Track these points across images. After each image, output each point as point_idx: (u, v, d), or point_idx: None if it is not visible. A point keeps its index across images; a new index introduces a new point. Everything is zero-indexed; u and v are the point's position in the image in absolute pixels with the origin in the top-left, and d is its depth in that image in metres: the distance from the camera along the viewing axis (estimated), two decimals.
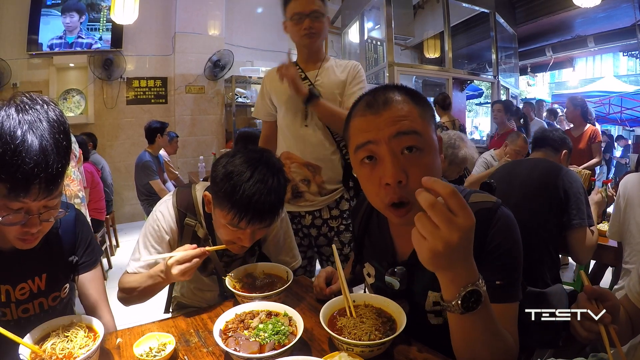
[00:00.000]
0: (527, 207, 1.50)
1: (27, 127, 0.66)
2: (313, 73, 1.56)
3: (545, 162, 1.67)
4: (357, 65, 1.60)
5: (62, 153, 0.70)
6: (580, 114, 3.70)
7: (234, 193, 0.89)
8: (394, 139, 0.71)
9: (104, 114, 4.92)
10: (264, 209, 0.91)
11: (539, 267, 1.47)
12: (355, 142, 0.76)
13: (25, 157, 0.64)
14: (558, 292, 1.38)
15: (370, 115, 0.74)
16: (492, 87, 6.04)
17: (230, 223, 0.93)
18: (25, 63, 4.51)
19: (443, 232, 0.52)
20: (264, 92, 1.66)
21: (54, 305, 0.91)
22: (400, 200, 0.71)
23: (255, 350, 0.71)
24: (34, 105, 0.70)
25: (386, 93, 0.76)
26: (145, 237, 1.10)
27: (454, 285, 0.58)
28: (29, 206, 0.71)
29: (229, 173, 0.91)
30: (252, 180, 0.90)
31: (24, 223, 0.72)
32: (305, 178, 1.55)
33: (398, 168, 0.70)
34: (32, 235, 0.76)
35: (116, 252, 3.92)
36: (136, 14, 3.87)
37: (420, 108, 0.75)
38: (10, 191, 0.66)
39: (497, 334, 0.65)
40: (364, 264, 0.99)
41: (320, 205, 1.56)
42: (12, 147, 0.64)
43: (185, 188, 1.17)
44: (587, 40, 6.72)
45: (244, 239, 0.97)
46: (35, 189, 0.67)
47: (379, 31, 5.36)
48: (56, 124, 0.70)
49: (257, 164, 0.93)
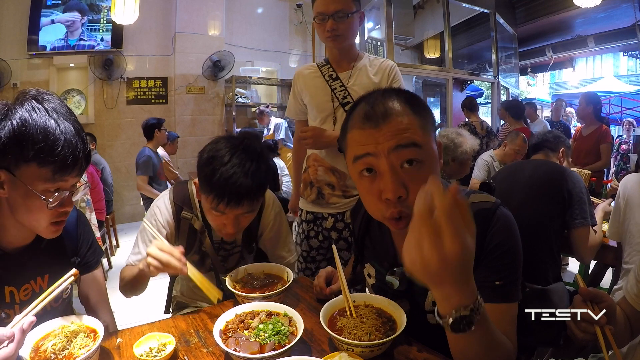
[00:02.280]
0: (529, 208, 1.51)
1: (56, 115, 0.72)
2: (346, 74, 1.50)
3: (547, 164, 1.69)
4: (393, 66, 1.51)
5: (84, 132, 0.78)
6: (592, 112, 3.45)
7: (212, 176, 0.94)
8: (393, 153, 0.69)
9: (104, 114, 4.93)
10: (241, 192, 0.94)
11: (541, 266, 1.47)
12: (353, 154, 0.74)
13: (66, 138, 0.71)
14: (560, 290, 1.39)
15: (369, 128, 0.71)
16: (492, 87, 6.04)
17: (212, 207, 0.97)
18: (25, 63, 4.52)
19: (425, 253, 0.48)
20: (295, 91, 1.61)
21: (56, 306, 0.91)
22: (400, 215, 0.71)
23: (255, 350, 0.71)
24: (47, 95, 0.75)
25: (385, 103, 0.72)
26: (143, 231, 1.12)
27: (446, 304, 0.54)
28: (66, 184, 0.76)
29: (210, 158, 0.96)
30: (229, 164, 0.94)
31: (62, 203, 0.76)
32: (330, 183, 1.52)
33: (398, 183, 0.69)
34: (66, 216, 0.81)
35: (116, 252, 3.92)
36: (136, 14, 3.87)
37: (420, 118, 0.72)
38: (58, 171, 0.72)
39: (493, 347, 0.63)
40: (365, 264, 0.99)
41: (344, 208, 1.53)
42: (51, 132, 0.70)
43: (182, 183, 1.19)
44: (587, 40, 6.72)
45: (227, 224, 1.00)
46: (78, 167, 0.75)
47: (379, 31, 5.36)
48: (69, 110, 0.78)
49: (237, 149, 0.97)
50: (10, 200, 0.76)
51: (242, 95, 5.43)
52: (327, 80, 1.51)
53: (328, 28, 1.39)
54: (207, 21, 5.24)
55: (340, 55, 1.50)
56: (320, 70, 1.54)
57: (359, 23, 1.47)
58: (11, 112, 0.70)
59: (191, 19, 5.13)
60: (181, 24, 5.10)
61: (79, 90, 4.79)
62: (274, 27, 5.96)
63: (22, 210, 0.76)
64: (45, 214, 0.76)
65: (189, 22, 5.13)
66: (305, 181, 1.60)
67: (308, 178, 1.58)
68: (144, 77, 5.11)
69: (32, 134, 0.69)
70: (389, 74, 1.49)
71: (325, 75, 1.52)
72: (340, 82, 1.49)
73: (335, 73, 1.51)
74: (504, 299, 0.73)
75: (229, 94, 5.40)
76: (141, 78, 5.09)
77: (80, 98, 4.80)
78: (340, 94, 1.48)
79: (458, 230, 0.47)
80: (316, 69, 1.56)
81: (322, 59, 1.60)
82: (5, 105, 0.72)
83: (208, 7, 5.22)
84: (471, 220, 0.49)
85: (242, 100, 5.41)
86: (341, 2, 1.37)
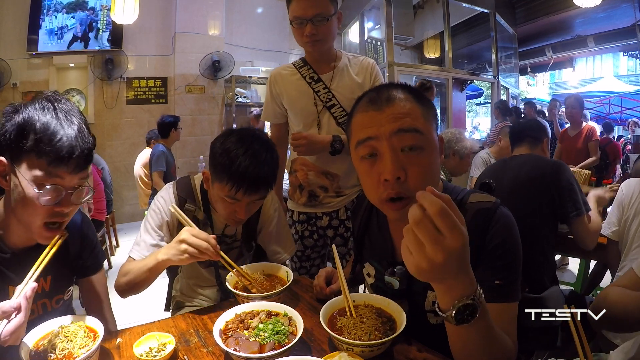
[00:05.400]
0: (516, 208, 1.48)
1: (63, 114, 0.75)
2: (327, 76, 1.46)
3: (531, 160, 1.63)
4: (374, 64, 1.50)
5: (91, 134, 0.80)
6: (580, 113, 3.70)
7: (231, 166, 0.98)
8: (394, 136, 0.71)
9: (104, 113, 4.92)
10: (258, 180, 1.01)
11: (534, 268, 1.46)
12: (356, 138, 0.76)
13: (66, 131, 0.74)
14: (554, 297, 1.34)
15: (372, 111, 0.74)
16: (492, 87, 6.05)
17: (228, 195, 1.01)
18: (25, 63, 4.51)
19: (428, 251, 0.50)
20: (273, 94, 1.54)
21: (57, 308, 0.91)
22: (398, 195, 0.72)
23: (255, 350, 0.71)
24: (61, 98, 0.79)
25: (390, 90, 0.76)
26: (146, 221, 1.14)
27: (448, 296, 0.56)
28: (64, 182, 0.76)
29: (227, 149, 1.01)
30: (246, 154, 0.99)
31: (58, 202, 0.76)
32: (323, 185, 1.50)
33: (397, 165, 0.70)
34: (61, 217, 0.79)
35: (116, 252, 3.92)
36: (136, 14, 3.87)
37: (423, 107, 0.75)
38: (52, 162, 0.72)
39: (494, 342, 0.64)
40: (364, 264, 0.99)
41: (337, 206, 1.52)
42: (52, 124, 0.73)
43: (185, 178, 1.23)
44: (587, 40, 6.73)
45: (239, 211, 1.04)
46: (73, 161, 0.74)
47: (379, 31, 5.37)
48: (80, 113, 0.80)
49: (251, 140, 1.03)
50: (12, 194, 0.76)
51: (242, 95, 5.43)
52: (309, 83, 1.46)
53: (307, 33, 1.34)
54: (207, 21, 5.24)
55: (320, 56, 1.45)
56: (300, 71, 1.48)
57: (337, 24, 1.42)
58: (22, 109, 0.75)
59: (191, 18, 5.13)
60: (181, 23, 5.09)
61: (79, 90, 4.78)
62: (274, 27, 5.95)
63: (19, 206, 0.76)
64: (39, 210, 0.75)
65: (189, 22, 5.13)
66: (293, 184, 1.56)
67: (296, 181, 1.54)
68: (144, 77, 5.11)
69: (35, 126, 0.72)
70: (371, 73, 1.48)
71: (306, 77, 1.47)
72: (323, 83, 1.45)
73: (316, 75, 1.46)
74: (504, 299, 0.73)
75: (228, 94, 5.39)
76: (141, 78, 5.09)
77: (80, 98, 4.79)
78: (324, 97, 1.45)
79: (454, 223, 0.50)
80: (294, 70, 1.50)
81: (298, 59, 1.53)
82: (20, 104, 0.76)
83: (208, 7, 5.21)
84: (459, 212, 0.52)
85: (242, 100, 5.40)
86: (319, 6, 1.31)
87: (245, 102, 5.44)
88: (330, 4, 1.35)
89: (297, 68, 1.50)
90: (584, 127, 3.69)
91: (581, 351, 0.62)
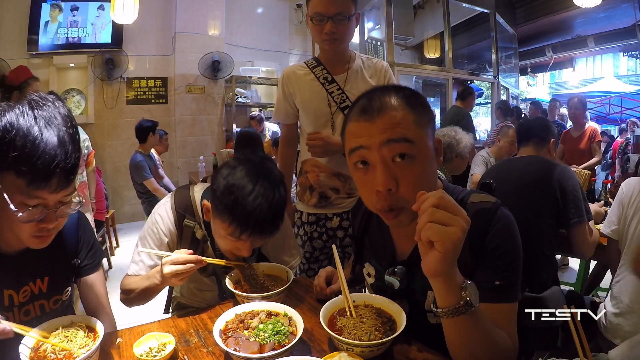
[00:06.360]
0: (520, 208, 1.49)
1: (43, 122, 0.69)
2: (341, 77, 1.45)
3: (537, 161, 1.63)
4: (387, 68, 1.50)
5: (77, 145, 0.73)
6: (583, 114, 3.72)
7: (235, 207, 0.88)
8: (385, 146, 0.71)
9: (104, 113, 4.92)
10: (265, 224, 0.91)
11: (535, 268, 1.46)
12: (349, 146, 0.77)
13: (44, 148, 0.67)
14: (554, 297, 1.34)
15: (363, 121, 0.73)
16: (492, 87, 6.04)
17: (232, 235, 0.92)
18: (25, 63, 4.48)
19: (451, 229, 0.55)
20: (286, 93, 1.52)
21: (55, 308, 0.91)
22: (390, 208, 0.72)
23: (255, 350, 0.71)
24: (45, 102, 0.72)
25: (382, 97, 0.74)
26: (144, 239, 1.10)
27: (452, 289, 0.61)
28: (46, 201, 0.72)
29: (230, 186, 0.90)
30: (253, 195, 0.89)
31: (41, 219, 0.73)
32: (334, 187, 1.48)
33: (388, 176, 0.70)
34: (47, 232, 0.77)
35: (116, 252, 3.92)
36: (136, 14, 3.86)
37: (415, 114, 0.73)
38: (31, 183, 0.67)
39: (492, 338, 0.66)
40: (364, 263, 0.99)
41: (349, 207, 1.48)
42: (31, 140, 0.66)
43: (184, 189, 1.16)
44: (587, 41, 6.73)
45: (242, 249, 0.96)
46: (55, 180, 0.69)
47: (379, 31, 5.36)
48: (68, 119, 0.73)
49: (258, 177, 0.91)
50: None
51: (242, 95, 5.42)
52: (323, 83, 1.45)
53: (327, 30, 1.33)
54: (207, 21, 5.24)
55: (334, 56, 1.45)
56: (313, 72, 1.47)
57: (355, 24, 1.42)
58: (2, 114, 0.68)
59: (191, 18, 5.12)
60: (181, 23, 5.09)
61: (79, 90, 4.78)
62: (274, 27, 5.95)
63: (5, 216, 0.73)
64: (22, 227, 0.73)
65: (189, 22, 5.12)
66: (303, 185, 1.55)
67: (307, 182, 1.52)
68: (144, 77, 5.10)
69: (14, 138, 0.66)
70: (384, 76, 1.47)
71: (320, 77, 1.45)
72: (337, 85, 1.44)
73: (330, 75, 1.44)
74: (504, 299, 0.73)
75: (228, 94, 5.39)
76: (141, 78, 5.08)
77: (80, 98, 4.79)
78: (338, 98, 1.43)
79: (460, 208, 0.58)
80: (308, 70, 1.48)
81: (311, 58, 1.52)
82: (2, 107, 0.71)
83: (208, 7, 5.21)
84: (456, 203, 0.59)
85: (242, 100, 5.40)
86: (342, 4, 1.31)
87: (245, 102, 5.44)
88: (352, 4, 1.34)
89: (311, 68, 1.48)
90: (587, 128, 3.70)
91: (581, 351, 0.63)
